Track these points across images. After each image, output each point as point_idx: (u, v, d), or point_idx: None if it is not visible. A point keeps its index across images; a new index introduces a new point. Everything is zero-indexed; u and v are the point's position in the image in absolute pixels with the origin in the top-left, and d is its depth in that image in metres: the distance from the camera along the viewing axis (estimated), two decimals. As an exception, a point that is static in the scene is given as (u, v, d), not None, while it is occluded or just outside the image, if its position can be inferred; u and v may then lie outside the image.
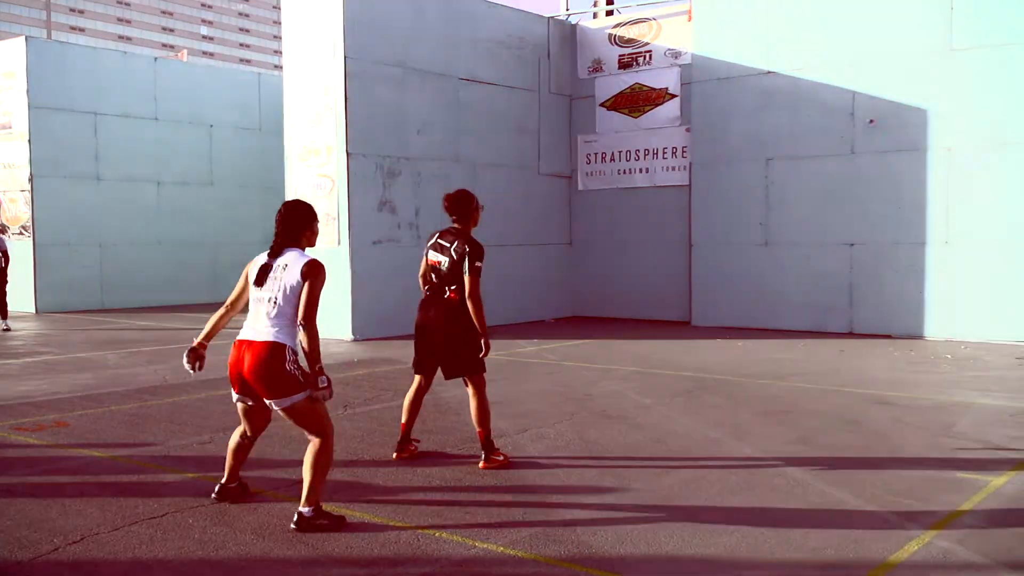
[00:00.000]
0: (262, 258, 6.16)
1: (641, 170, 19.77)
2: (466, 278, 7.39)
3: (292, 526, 5.86)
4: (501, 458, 7.46)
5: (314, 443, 5.97)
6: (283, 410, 5.95)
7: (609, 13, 21.97)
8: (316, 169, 16.47)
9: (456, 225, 7.75)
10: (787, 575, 5.13)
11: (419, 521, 6.01)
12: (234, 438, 6.45)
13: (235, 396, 6.18)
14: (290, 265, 5.96)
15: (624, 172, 20.03)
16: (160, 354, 14.57)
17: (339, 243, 16.11)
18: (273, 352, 5.88)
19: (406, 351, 14.20)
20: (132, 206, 23.76)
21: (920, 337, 15.90)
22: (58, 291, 22.72)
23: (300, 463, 6.73)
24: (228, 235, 25.95)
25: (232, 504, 6.37)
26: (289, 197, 16.72)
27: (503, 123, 19.20)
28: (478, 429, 7.50)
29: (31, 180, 22.30)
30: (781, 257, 17.51)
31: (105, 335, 17.48)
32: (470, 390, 7.53)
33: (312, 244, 6.21)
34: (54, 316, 21.45)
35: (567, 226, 20.81)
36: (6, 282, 18.64)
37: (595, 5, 23.40)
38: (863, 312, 16.65)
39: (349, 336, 15.93)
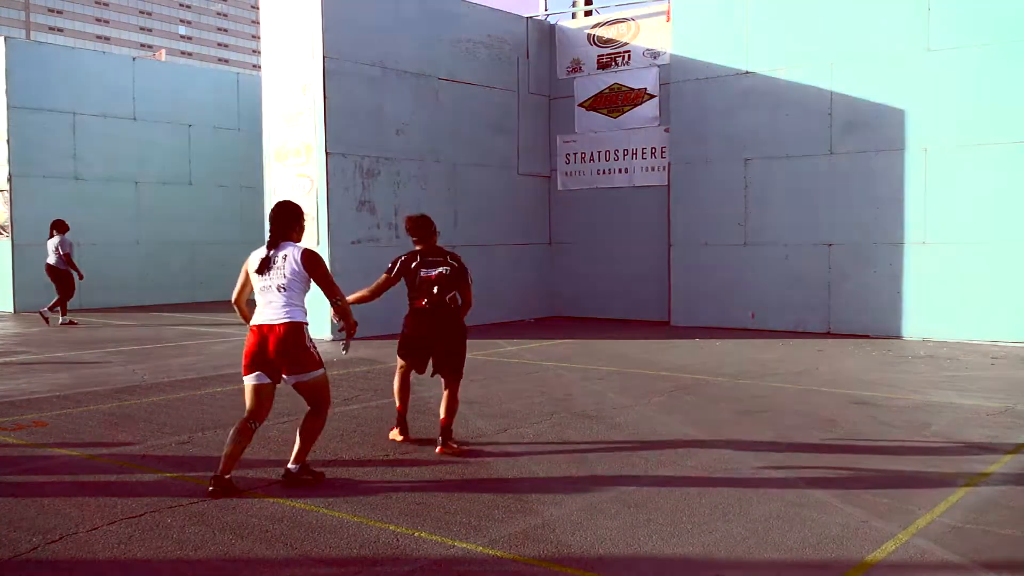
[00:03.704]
0: (260, 251, 6.89)
1: (620, 170, 19.81)
2: (471, 287, 8.24)
3: (281, 478, 6.81)
4: (456, 446, 7.95)
5: (314, 412, 6.90)
6: (299, 383, 6.79)
7: (588, 13, 22.02)
8: (295, 169, 16.44)
9: (420, 246, 8.27)
10: (765, 574, 5.15)
11: (398, 521, 6.01)
12: (235, 428, 6.78)
13: (250, 378, 6.74)
14: (289, 255, 6.78)
15: (603, 172, 20.06)
16: (138, 354, 14.52)
17: (318, 243, 16.08)
18: (294, 331, 6.68)
19: (384, 351, 14.24)
20: (111, 206, 23.64)
21: (898, 337, 15.98)
22: (36, 291, 22.54)
23: (277, 463, 7.09)
24: (207, 235, 25.86)
25: (214, 501, 6.36)
26: (268, 197, 16.77)
27: (482, 123, 19.21)
28: (444, 417, 8.02)
29: (9, 180, 22.19)
30: (760, 257, 17.57)
31: (83, 335, 17.40)
32: (449, 386, 8.11)
33: (299, 239, 7.01)
34: (33, 315, 21.33)
35: (546, 226, 20.83)
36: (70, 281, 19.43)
37: (574, 5, 23.47)
38: (841, 312, 16.72)
39: (327, 336, 15.89)
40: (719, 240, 18.03)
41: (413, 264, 8.12)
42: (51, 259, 19.43)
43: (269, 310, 6.72)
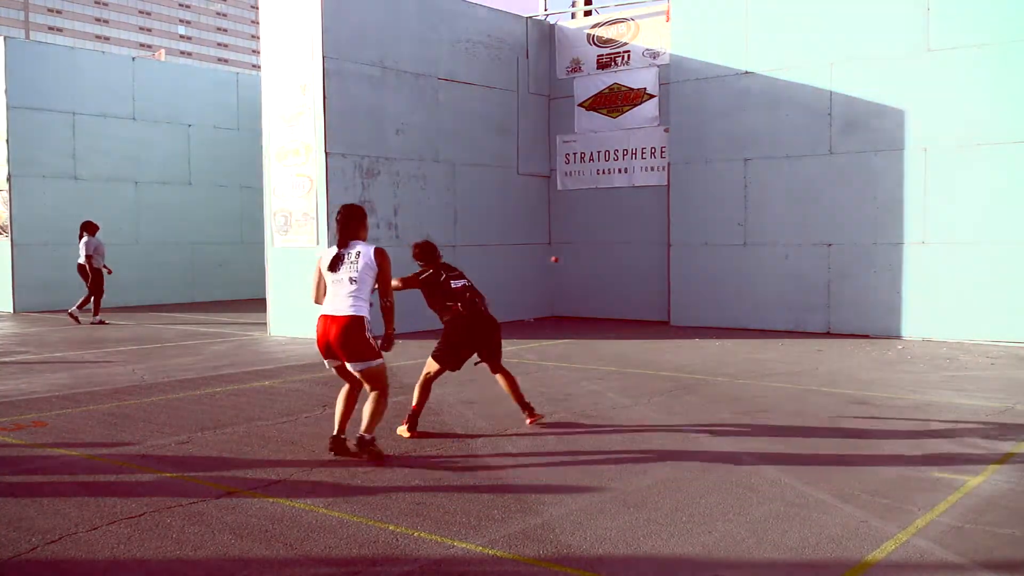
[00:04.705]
0: (332, 250, 7.65)
1: (620, 170, 19.81)
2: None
3: (353, 441, 7.57)
4: (540, 414, 9.07)
5: (375, 394, 7.58)
6: (360, 371, 7.52)
7: (587, 13, 22.00)
8: (294, 169, 16.44)
9: (429, 268, 8.86)
10: (765, 575, 5.15)
11: (398, 521, 6.01)
12: (343, 392, 7.85)
13: (327, 362, 7.72)
14: (362, 251, 7.53)
15: (603, 172, 20.06)
16: (138, 354, 14.52)
17: (317, 243, 16.08)
18: (355, 324, 7.40)
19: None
20: (110, 206, 23.61)
21: (897, 337, 15.98)
22: (36, 291, 22.61)
23: (277, 463, 7.30)
24: (206, 235, 25.88)
25: (214, 501, 6.36)
26: (267, 197, 16.77)
27: (482, 123, 19.21)
28: (515, 396, 9.02)
29: (9, 180, 22.20)
30: (759, 257, 17.57)
31: (83, 335, 17.40)
32: (499, 370, 9.01)
33: (366, 238, 7.75)
34: (32, 315, 21.34)
35: (546, 226, 20.83)
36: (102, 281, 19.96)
37: (573, 5, 23.46)
38: (841, 312, 16.72)
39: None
40: (719, 240, 18.02)
41: (441, 278, 8.72)
42: (81, 259, 19.70)
43: (336, 301, 7.49)
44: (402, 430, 8.51)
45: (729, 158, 17.83)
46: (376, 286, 7.60)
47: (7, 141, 22.19)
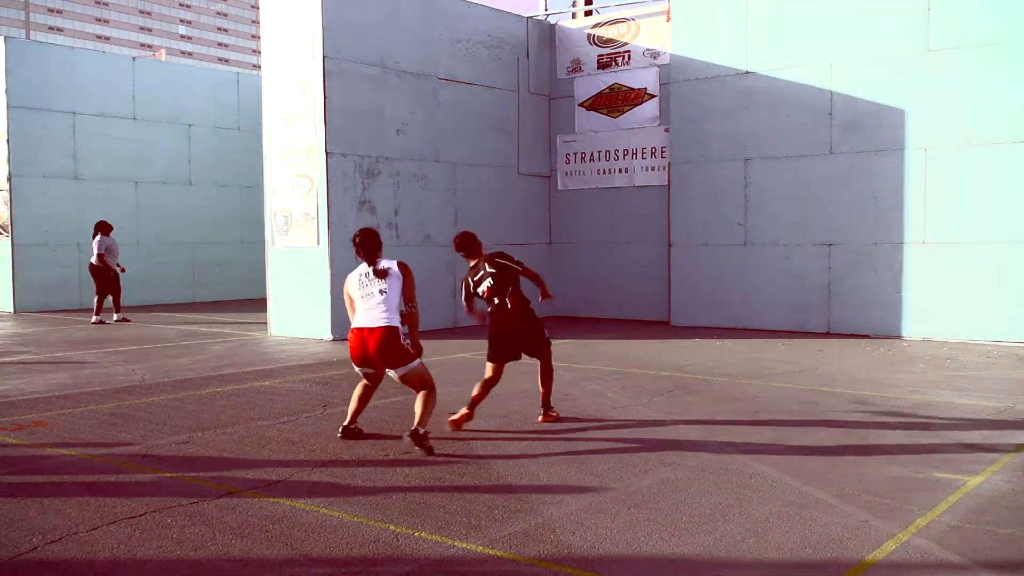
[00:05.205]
0: (360, 269, 8.20)
1: (620, 170, 19.81)
2: (525, 270, 9.12)
3: (406, 436, 7.88)
4: (556, 414, 9.32)
5: (424, 393, 8.04)
6: (401, 376, 8.02)
7: (588, 13, 22.00)
8: (295, 168, 16.44)
9: (470, 261, 9.25)
10: (765, 574, 5.15)
11: (398, 521, 6.01)
12: (358, 388, 8.40)
13: (358, 369, 8.22)
14: (387, 265, 8.10)
15: (603, 172, 20.06)
16: (138, 354, 14.52)
17: (318, 243, 16.09)
18: (391, 334, 7.91)
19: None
20: (110, 205, 23.56)
21: (898, 337, 15.98)
22: (36, 291, 22.62)
23: (277, 463, 7.21)
24: (207, 234, 25.88)
25: (215, 501, 6.37)
26: (267, 197, 16.81)
27: (482, 123, 19.21)
28: (542, 390, 9.28)
29: (9, 180, 22.20)
30: (760, 257, 17.57)
31: (83, 335, 17.40)
32: (541, 362, 9.32)
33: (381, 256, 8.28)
34: (32, 315, 21.35)
35: (546, 226, 20.83)
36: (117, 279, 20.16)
37: (574, 5, 23.45)
38: (841, 312, 16.73)
39: (328, 335, 15.90)
40: (719, 240, 18.02)
41: (475, 276, 9.08)
42: (93, 259, 19.86)
43: (369, 315, 7.96)
44: (458, 416, 8.81)
45: (729, 158, 17.83)
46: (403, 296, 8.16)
47: (7, 141, 22.18)
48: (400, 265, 8.16)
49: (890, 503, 6.34)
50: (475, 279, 9.06)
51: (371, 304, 7.99)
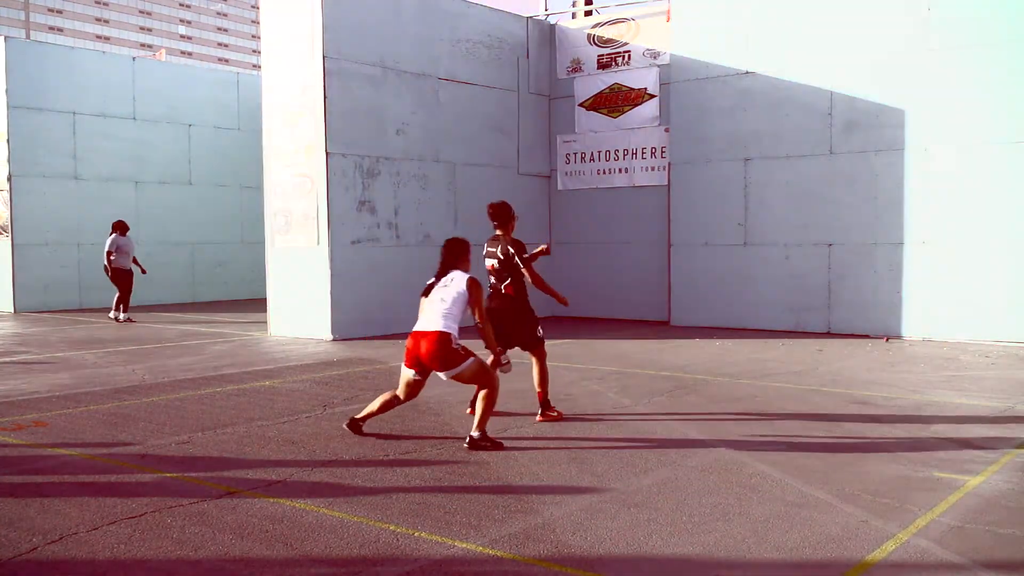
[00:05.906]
0: (428, 280, 8.43)
1: (620, 170, 19.81)
2: (527, 268, 9.37)
3: (465, 444, 8.03)
4: (556, 414, 9.31)
5: (483, 392, 8.11)
6: (454, 376, 8.10)
7: (588, 13, 22.00)
8: (295, 168, 16.43)
9: (499, 231, 9.58)
10: (765, 574, 5.16)
11: (398, 521, 6.01)
12: (387, 394, 8.46)
13: (410, 372, 8.20)
14: (456, 279, 8.25)
15: (603, 172, 20.06)
16: (138, 354, 14.52)
17: (318, 243, 16.08)
18: (442, 338, 7.97)
19: (384, 351, 14.26)
20: (110, 206, 23.56)
21: (898, 337, 15.98)
22: (36, 291, 22.62)
23: (277, 463, 7.31)
24: (207, 234, 25.89)
25: (215, 501, 6.37)
26: (267, 197, 16.78)
27: (482, 123, 19.21)
28: (538, 390, 9.33)
29: (9, 180, 22.20)
30: (760, 257, 17.57)
31: (83, 335, 17.40)
32: (535, 359, 9.45)
33: (468, 269, 8.45)
34: (32, 316, 21.35)
35: (546, 226, 20.83)
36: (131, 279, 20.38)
37: (574, 5, 23.47)
38: (841, 312, 16.73)
39: (328, 336, 15.90)
40: (719, 240, 18.03)
41: (485, 250, 9.50)
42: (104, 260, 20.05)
43: (424, 319, 8.14)
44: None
45: (729, 158, 17.83)
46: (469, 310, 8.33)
47: (7, 141, 22.18)
48: (470, 280, 8.26)
49: (890, 503, 6.34)
50: (487, 250, 9.46)
51: (431, 309, 8.15)
